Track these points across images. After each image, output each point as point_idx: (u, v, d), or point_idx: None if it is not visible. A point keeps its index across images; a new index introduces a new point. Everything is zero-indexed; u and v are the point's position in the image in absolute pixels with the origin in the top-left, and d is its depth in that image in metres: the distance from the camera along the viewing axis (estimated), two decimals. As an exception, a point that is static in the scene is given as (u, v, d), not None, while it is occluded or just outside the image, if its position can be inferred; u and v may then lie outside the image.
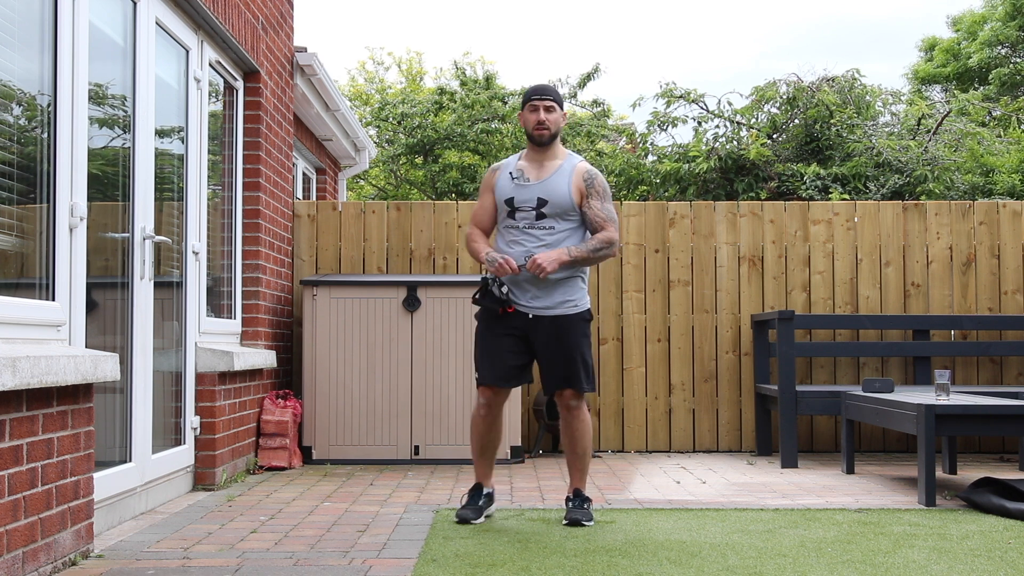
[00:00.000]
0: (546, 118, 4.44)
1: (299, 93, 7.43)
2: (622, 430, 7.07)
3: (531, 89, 4.54)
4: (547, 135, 4.45)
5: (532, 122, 4.46)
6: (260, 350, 6.01)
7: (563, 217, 4.41)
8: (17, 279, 3.51)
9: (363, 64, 21.95)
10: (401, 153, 14.52)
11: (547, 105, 4.45)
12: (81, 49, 3.79)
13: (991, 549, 3.83)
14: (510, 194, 4.44)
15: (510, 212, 4.43)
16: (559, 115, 4.48)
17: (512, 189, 4.44)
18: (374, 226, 7.09)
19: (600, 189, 4.46)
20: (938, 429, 4.90)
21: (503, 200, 4.45)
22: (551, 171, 4.45)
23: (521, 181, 4.44)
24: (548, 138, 4.46)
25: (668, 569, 3.49)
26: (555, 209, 4.39)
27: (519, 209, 4.41)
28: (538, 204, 4.39)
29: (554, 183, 4.42)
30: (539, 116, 4.44)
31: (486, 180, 4.59)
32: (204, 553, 3.75)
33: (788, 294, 7.14)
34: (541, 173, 4.45)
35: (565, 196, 4.40)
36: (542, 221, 4.39)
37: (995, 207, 7.24)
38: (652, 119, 11.55)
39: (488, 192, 4.55)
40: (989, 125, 13.19)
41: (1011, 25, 18.34)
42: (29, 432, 3.22)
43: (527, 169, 4.47)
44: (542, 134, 4.45)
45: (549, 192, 4.40)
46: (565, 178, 4.43)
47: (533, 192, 4.41)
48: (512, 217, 4.43)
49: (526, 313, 4.40)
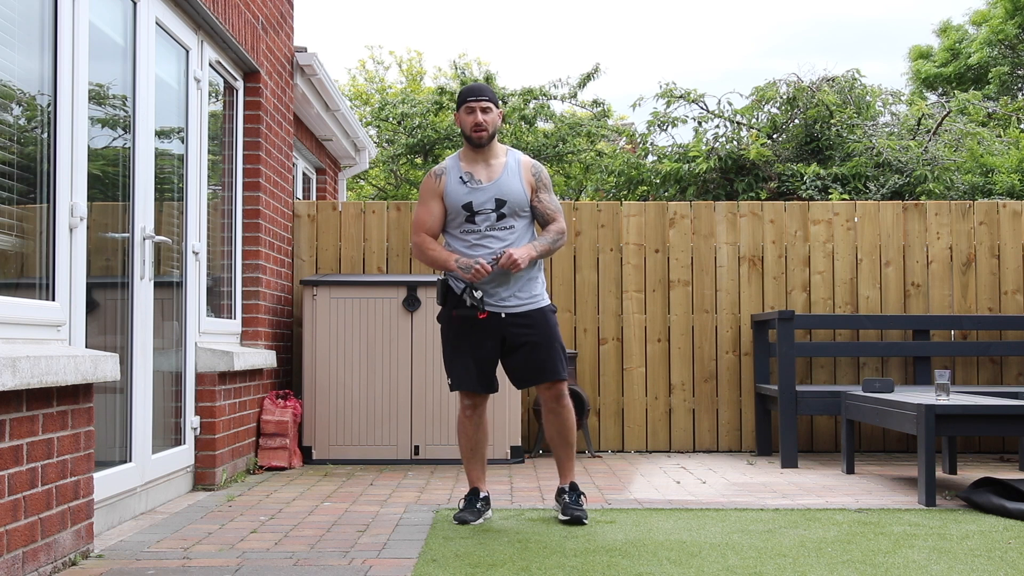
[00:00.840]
0: (483, 119, 4.41)
1: (299, 93, 7.43)
2: (622, 430, 7.07)
3: (465, 90, 4.51)
4: (485, 136, 4.43)
5: (469, 124, 4.43)
6: (260, 350, 6.01)
7: (519, 214, 4.43)
8: (17, 279, 3.51)
9: (363, 63, 21.97)
10: (401, 153, 14.52)
11: (483, 106, 4.43)
12: (81, 49, 3.79)
13: (991, 549, 3.83)
14: (467, 198, 4.39)
15: (468, 217, 4.40)
16: (495, 114, 4.47)
17: (468, 193, 4.40)
18: (374, 226, 7.09)
19: (547, 182, 4.53)
20: (938, 429, 4.90)
21: (460, 205, 4.39)
22: (500, 170, 4.44)
23: (473, 184, 4.41)
24: (486, 139, 4.44)
25: (668, 569, 3.49)
26: (513, 208, 4.40)
27: (479, 212, 4.38)
28: (497, 205, 4.39)
29: (507, 182, 4.41)
30: (476, 118, 4.41)
31: (429, 186, 4.48)
32: (204, 553, 3.75)
33: (788, 294, 7.14)
34: (491, 173, 4.44)
35: (520, 193, 4.42)
36: (503, 221, 4.39)
37: (995, 207, 7.24)
38: (652, 119, 11.55)
39: (435, 198, 4.46)
40: (989, 125, 13.18)
41: (1011, 24, 18.33)
42: (29, 432, 3.22)
43: (475, 171, 4.45)
44: (480, 136, 4.42)
45: (504, 192, 4.40)
46: (515, 175, 4.44)
47: (489, 193, 4.39)
48: (471, 221, 4.39)
49: (499, 313, 4.40)
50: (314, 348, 6.39)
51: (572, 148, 13.83)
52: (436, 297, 4.56)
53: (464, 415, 4.52)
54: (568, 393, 4.54)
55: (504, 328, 4.41)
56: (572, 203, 7.21)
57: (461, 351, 4.44)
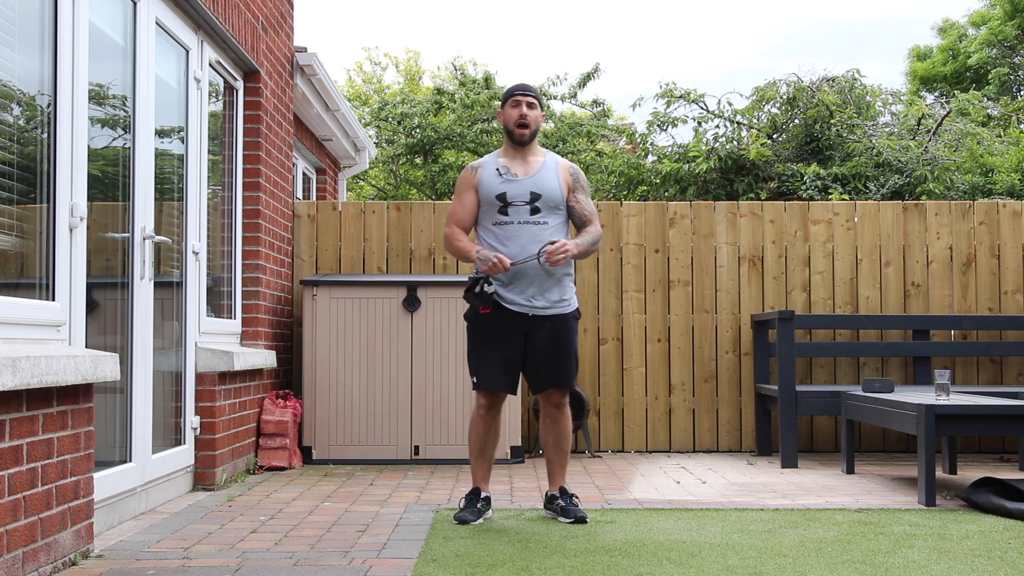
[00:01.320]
0: (528, 113, 4.46)
1: (299, 93, 7.43)
2: (622, 430, 7.07)
3: (514, 86, 4.57)
4: (527, 133, 4.46)
5: (515, 117, 4.47)
6: (260, 350, 6.01)
7: (554, 211, 4.43)
8: (17, 279, 3.51)
9: (360, 65, 21.95)
10: (401, 153, 14.52)
11: (529, 101, 4.48)
12: (81, 49, 3.79)
13: (991, 549, 3.83)
14: (501, 189, 4.42)
15: (502, 208, 4.41)
16: (539, 113, 4.52)
17: (502, 184, 4.42)
18: (374, 226, 7.09)
19: (584, 184, 4.56)
20: (938, 429, 4.90)
21: (494, 196, 4.41)
22: (537, 167, 4.47)
23: (509, 176, 4.44)
24: (528, 137, 4.47)
25: (668, 569, 3.49)
26: (548, 203, 4.41)
27: (512, 204, 4.40)
28: (531, 198, 4.40)
29: (543, 178, 4.43)
30: (522, 110, 4.46)
31: (466, 179, 4.52)
32: (204, 553, 3.75)
33: (788, 294, 7.14)
34: (528, 169, 4.46)
35: (556, 190, 4.43)
36: (536, 215, 4.39)
37: (995, 207, 7.24)
38: (652, 119, 11.55)
39: (470, 190, 4.49)
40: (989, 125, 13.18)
41: (1010, 24, 18.33)
42: (29, 432, 3.22)
43: (513, 166, 4.47)
44: (523, 132, 4.46)
45: (540, 186, 4.41)
46: (552, 173, 4.46)
47: (525, 187, 4.41)
48: (504, 213, 4.41)
49: (525, 313, 4.40)
50: (314, 348, 6.38)
51: (572, 148, 13.83)
52: (464, 294, 4.54)
53: (479, 414, 4.52)
54: (568, 402, 4.55)
55: (528, 329, 4.41)
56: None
57: (487, 350, 4.43)
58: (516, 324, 4.40)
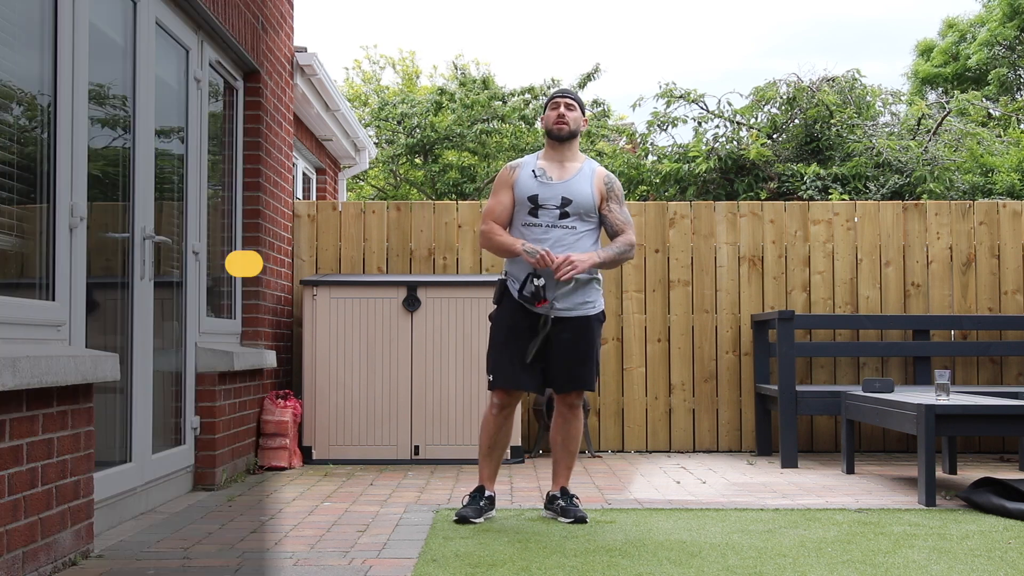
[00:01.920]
0: (566, 113, 4.49)
1: (299, 93, 7.43)
2: (622, 430, 7.07)
3: (555, 91, 4.64)
4: (566, 130, 4.48)
5: (553, 117, 4.51)
6: (260, 350, 6.01)
7: (584, 218, 4.43)
8: (17, 279, 3.51)
9: (359, 64, 21.95)
10: (401, 153, 14.52)
11: (568, 103, 4.53)
12: (81, 49, 3.79)
13: (991, 549, 3.83)
14: (534, 191, 4.43)
15: (532, 210, 4.42)
16: (579, 115, 4.55)
17: (536, 186, 4.44)
18: (374, 226, 7.09)
19: (619, 193, 4.55)
20: (938, 429, 4.90)
21: (526, 197, 4.43)
22: (572, 172, 4.48)
23: (544, 179, 4.45)
24: (567, 133, 4.49)
25: (668, 569, 3.49)
26: (578, 209, 4.42)
27: (542, 207, 4.41)
28: (562, 203, 4.41)
29: (577, 184, 4.45)
30: (560, 110, 4.50)
31: (503, 177, 4.55)
32: (204, 553, 3.75)
33: (788, 294, 7.14)
34: (563, 174, 4.48)
35: (588, 197, 4.44)
36: (565, 220, 4.40)
37: (995, 207, 7.24)
38: (652, 119, 11.56)
39: (507, 189, 4.51)
40: (989, 125, 13.18)
41: (1009, 26, 18.33)
42: (29, 432, 3.22)
43: (549, 169, 4.49)
44: (561, 128, 4.48)
45: (572, 192, 4.43)
46: (587, 180, 4.47)
47: (557, 191, 4.42)
48: (534, 215, 4.42)
49: (547, 315, 4.40)
50: (314, 348, 6.38)
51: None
52: (494, 296, 4.55)
53: (491, 413, 4.52)
54: (582, 402, 4.57)
55: (550, 330, 4.41)
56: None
57: (507, 351, 4.42)
58: (537, 327, 4.39)
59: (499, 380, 4.45)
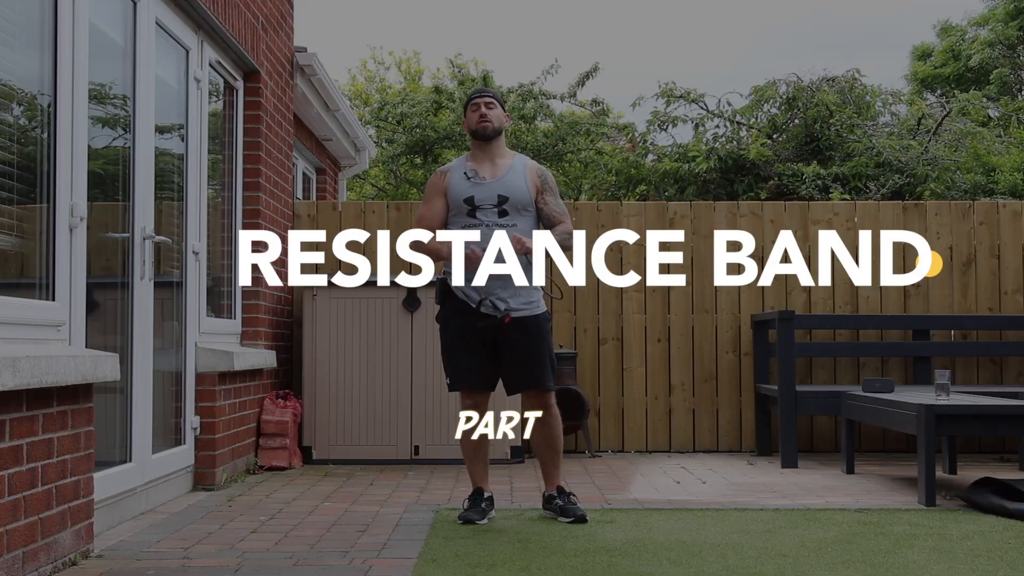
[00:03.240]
0: (487, 112, 4.52)
1: (299, 93, 7.43)
2: (622, 430, 7.07)
3: (471, 92, 4.67)
4: (489, 127, 4.51)
5: (475, 118, 4.53)
6: (260, 350, 6.01)
7: (522, 212, 4.46)
8: (17, 279, 3.51)
9: (364, 63, 21.96)
10: (401, 153, 14.51)
11: (487, 102, 4.55)
12: (81, 49, 3.79)
13: (991, 549, 3.83)
14: (469, 193, 4.45)
15: (470, 211, 4.43)
16: (500, 112, 4.57)
17: (470, 188, 4.46)
18: (374, 226, 7.09)
19: (553, 186, 4.59)
20: (938, 429, 4.90)
21: (462, 200, 4.45)
22: (505, 169, 4.51)
23: (477, 180, 4.47)
24: (491, 131, 4.51)
25: (668, 569, 3.49)
26: (516, 205, 4.44)
27: (480, 207, 4.43)
28: (499, 201, 4.43)
29: (511, 180, 4.47)
30: (480, 111, 4.53)
31: (434, 184, 4.56)
32: (204, 553, 3.75)
33: (788, 294, 7.14)
34: (496, 171, 4.50)
35: (524, 191, 4.47)
36: (504, 218, 4.42)
37: (995, 207, 7.24)
38: (652, 119, 11.56)
39: (439, 195, 4.53)
40: (989, 126, 13.19)
41: (1012, 25, 18.32)
42: (29, 432, 3.22)
43: (481, 169, 4.51)
44: (485, 127, 4.50)
45: (508, 189, 4.45)
46: (520, 175, 4.50)
47: (492, 190, 4.44)
48: (473, 216, 4.43)
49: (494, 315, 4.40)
50: (314, 348, 6.38)
51: (572, 148, 13.83)
52: (435, 296, 4.57)
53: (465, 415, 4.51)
54: (555, 402, 4.53)
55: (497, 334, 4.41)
56: (572, 203, 7.21)
57: (459, 350, 4.45)
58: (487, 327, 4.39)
59: (457, 382, 4.46)
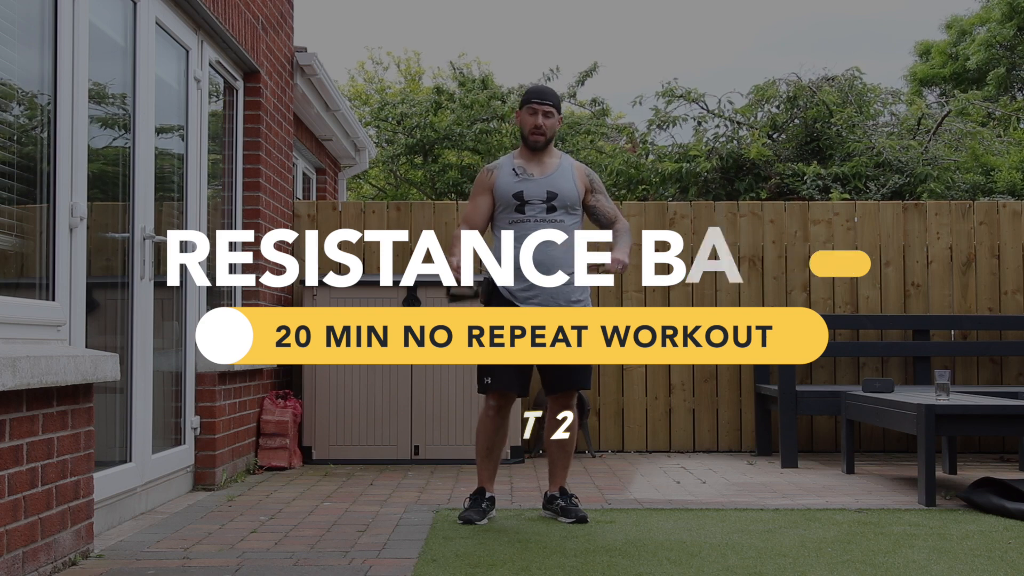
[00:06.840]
0: (543, 123, 4.47)
1: (299, 93, 7.43)
2: (622, 430, 7.07)
3: (532, 91, 4.55)
4: (542, 140, 4.49)
5: (529, 125, 4.49)
6: (260, 350, 6.00)
7: (569, 211, 4.47)
8: (17, 279, 3.51)
9: (362, 64, 21.95)
10: (401, 153, 14.51)
11: (546, 110, 4.49)
12: (81, 49, 3.79)
13: (991, 549, 3.83)
14: (518, 188, 4.45)
15: (519, 207, 4.44)
16: (556, 120, 4.53)
17: (519, 183, 4.46)
18: (374, 226, 7.09)
19: (600, 186, 4.63)
20: (938, 429, 4.90)
21: (510, 195, 4.44)
22: (552, 168, 4.51)
23: (526, 176, 4.47)
24: (543, 144, 4.50)
25: (668, 569, 3.49)
26: (564, 202, 4.45)
27: (529, 203, 4.43)
28: (548, 197, 4.43)
29: (560, 178, 4.48)
30: (537, 120, 4.47)
31: (482, 181, 4.56)
32: (204, 553, 3.75)
33: (788, 294, 7.14)
34: (544, 170, 4.50)
35: (572, 190, 4.47)
36: (552, 214, 4.43)
37: (995, 207, 7.24)
38: (652, 118, 11.55)
39: (485, 193, 4.53)
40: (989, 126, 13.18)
41: (1008, 25, 18.32)
42: (29, 432, 3.22)
43: (529, 166, 4.51)
44: (537, 139, 4.49)
45: (557, 186, 4.46)
46: (568, 174, 4.51)
47: (541, 186, 4.45)
48: (521, 211, 4.43)
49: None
50: (314, 348, 6.37)
51: (572, 147, 13.83)
52: (480, 295, 4.55)
53: (487, 415, 4.51)
54: (575, 402, 4.56)
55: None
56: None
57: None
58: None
59: (496, 383, 4.44)
